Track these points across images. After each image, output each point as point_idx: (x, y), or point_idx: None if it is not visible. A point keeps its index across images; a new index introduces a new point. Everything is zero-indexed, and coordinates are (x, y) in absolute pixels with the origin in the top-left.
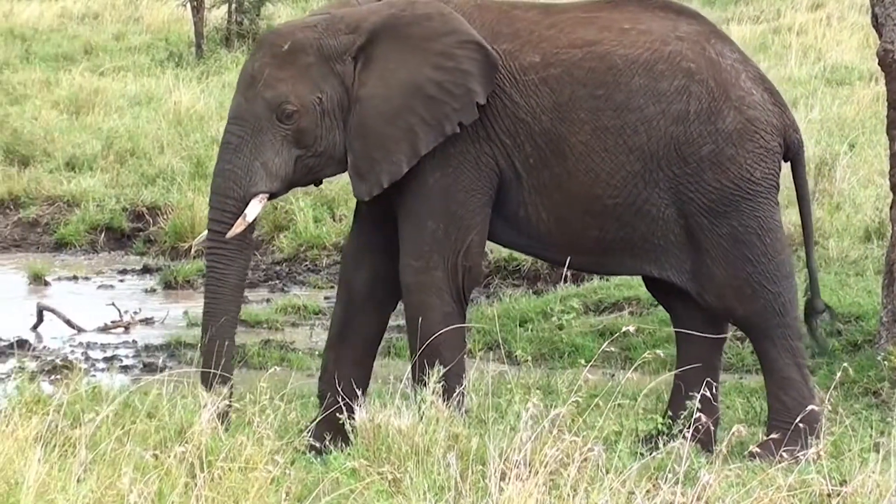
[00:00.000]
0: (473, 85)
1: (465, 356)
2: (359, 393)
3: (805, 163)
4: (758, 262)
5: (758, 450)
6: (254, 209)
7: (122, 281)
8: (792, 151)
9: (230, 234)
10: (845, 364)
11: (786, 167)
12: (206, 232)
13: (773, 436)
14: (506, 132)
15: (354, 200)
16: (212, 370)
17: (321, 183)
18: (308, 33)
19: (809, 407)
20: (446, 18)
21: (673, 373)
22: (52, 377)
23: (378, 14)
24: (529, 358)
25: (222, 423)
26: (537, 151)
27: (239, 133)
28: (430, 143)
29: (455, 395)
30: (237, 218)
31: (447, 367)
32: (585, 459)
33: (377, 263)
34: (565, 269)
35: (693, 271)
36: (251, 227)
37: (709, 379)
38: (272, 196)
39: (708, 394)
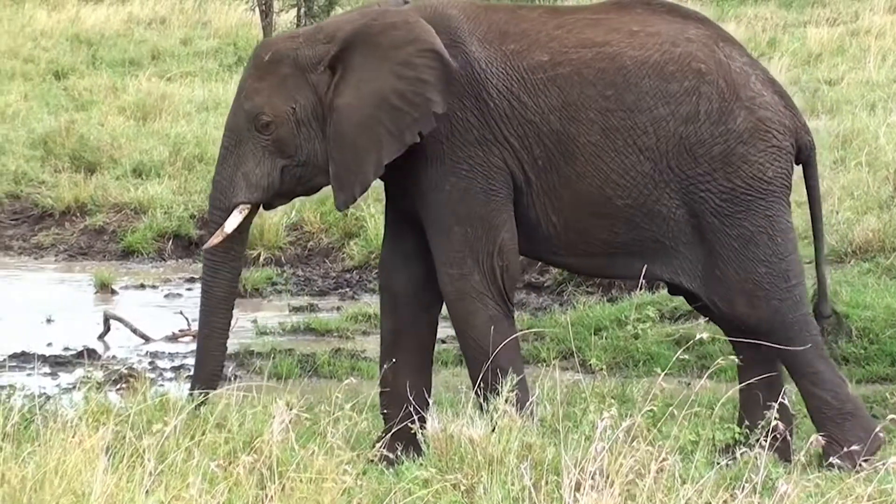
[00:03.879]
0: (431, 94)
1: (520, 355)
2: (428, 399)
3: (817, 165)
4: (769, 263)
5: (833, 458)
6: (233, 221)
7: (189, 289)
8: (804, 154)
9: (206, 245)
10: None
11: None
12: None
13: (824, 433)
14: (513, 134)
15: None
16: (198, 377)
17: (318, 191)
18: (288, 44)
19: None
20: (410, 27)
21: (743, 384)
22: (119, 387)
23: (352, 23)
24: (604, 366)
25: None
26: (546, 153)
27: (226, 144)
28: (392, 154)
29: (527, 405)
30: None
31: (504, 371)
32: (661, 469)
33: (415, 267)
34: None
35: (704, 275)
36: (240, 237)
37: (778, 385)
38: (267, 206)
39: (784, 402)
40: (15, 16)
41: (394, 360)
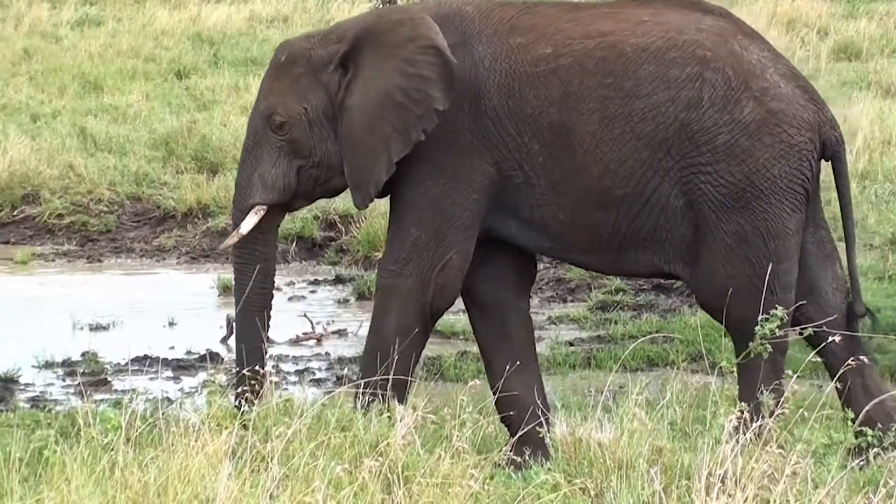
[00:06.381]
0: (433, 91)
1: (413, 370)
2: (544, 397)
3: (846, 161)
4: (757, 265)
5: None
6: (249, 222)
7: (313, 292)
8: (829, 150)
9: (222, 246)
10: None
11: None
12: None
13: None
14: (511, 134)
15: None
16: (242, 374)
17: (339, 192)
18: (303, 44)
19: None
20: (415, 24)
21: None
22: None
23: (361, 22)
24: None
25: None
26: (546, 149)
27: (246, 145)
28: (400, 152)
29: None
30: None
31: (387, 378)
32: (794, 473)
33: (489, 267)
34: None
35: (694, 267)
36: (263, 238)
37: (875, 385)
38: (288, 208)
39: None
40: (136, 15)
41: (497, 367)
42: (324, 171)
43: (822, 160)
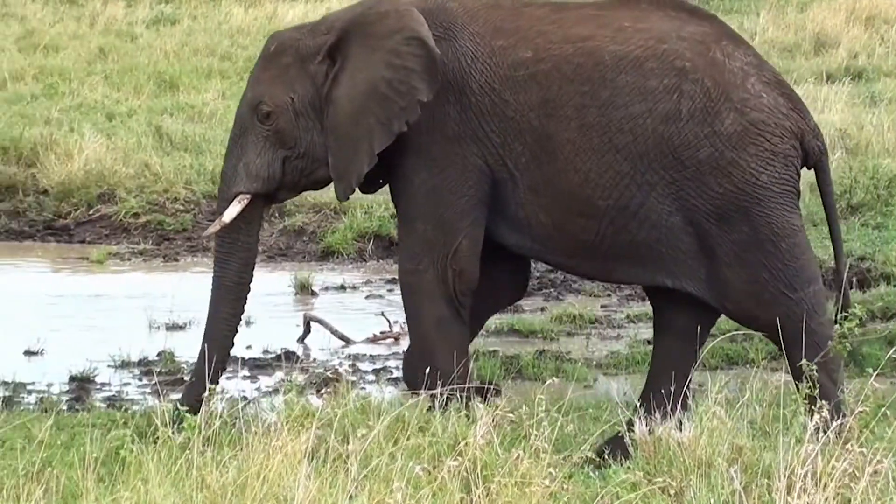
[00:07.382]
0: (416, 82)
1: (467, 358)
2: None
3: (829, 170)
4: (773, 268)
5: None
6: (232, 210)
7: (391, 290)
8: (812, 158)
9: (204, 234)
10: None
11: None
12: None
13: None
14: (495, 131)
15: None
16: (200, 366)
17: (324, 185)
18: (293, 34)
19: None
20: (400, 15)
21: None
22: (321, 390)
23: (349, 13)
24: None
25: (177, 427)
26: (528, 150)
27: (232, 134)
28: (382, 143)
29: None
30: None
31: (443, 374)
32: (875, 472)
33: (490, 267)
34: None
35: (709, 279)
36: (247, 228)
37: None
38: (273, 199)
39: None
40: (212, 13)
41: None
42: (308, 163)
43: (805, 168)
